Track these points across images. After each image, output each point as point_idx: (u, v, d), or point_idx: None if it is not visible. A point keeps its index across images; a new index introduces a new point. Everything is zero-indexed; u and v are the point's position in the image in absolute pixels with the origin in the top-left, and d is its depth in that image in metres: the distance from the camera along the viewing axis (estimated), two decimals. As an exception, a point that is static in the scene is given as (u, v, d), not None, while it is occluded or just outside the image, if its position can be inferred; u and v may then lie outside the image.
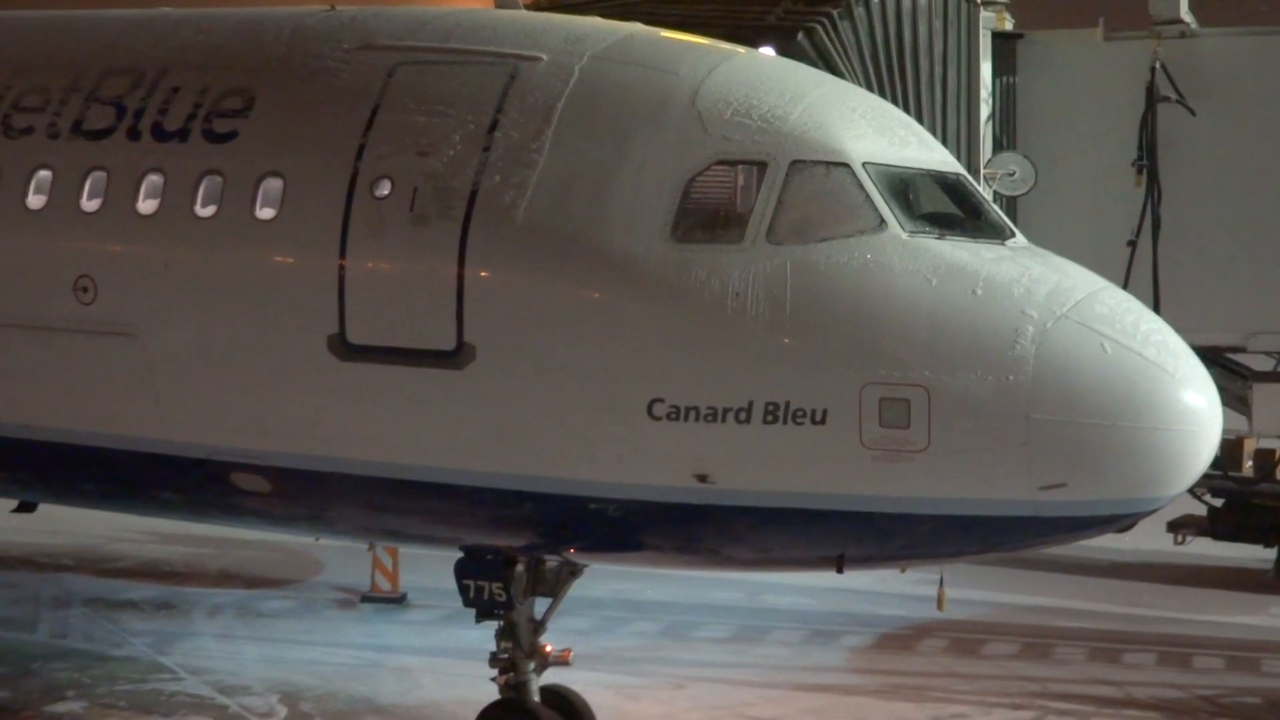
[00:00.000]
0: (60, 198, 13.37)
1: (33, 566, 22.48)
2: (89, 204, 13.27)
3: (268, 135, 12.86)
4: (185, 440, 13.00)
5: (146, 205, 12.99)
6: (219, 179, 12.68)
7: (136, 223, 13.04)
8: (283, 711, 15.90)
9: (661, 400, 10.94)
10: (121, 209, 13.19)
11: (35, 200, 13.48)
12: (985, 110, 17.54)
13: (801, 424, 10.63)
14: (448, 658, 17.17)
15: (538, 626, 13.18)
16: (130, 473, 13.96)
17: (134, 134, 13.25)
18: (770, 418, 10.65)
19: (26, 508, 17.92)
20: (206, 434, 12.95)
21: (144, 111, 13.32)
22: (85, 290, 13.05)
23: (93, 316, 13.07)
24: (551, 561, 13.00)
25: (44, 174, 13.49)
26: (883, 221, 10.96)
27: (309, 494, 13.24)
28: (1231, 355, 16.83)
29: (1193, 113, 16.69)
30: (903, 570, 16.13)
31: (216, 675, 17.25)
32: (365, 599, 20.34)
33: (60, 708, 15.90)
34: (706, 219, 11.28)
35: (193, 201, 12.75)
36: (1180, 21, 17.20)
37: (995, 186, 16.10)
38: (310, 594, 21.22)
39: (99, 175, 13.32)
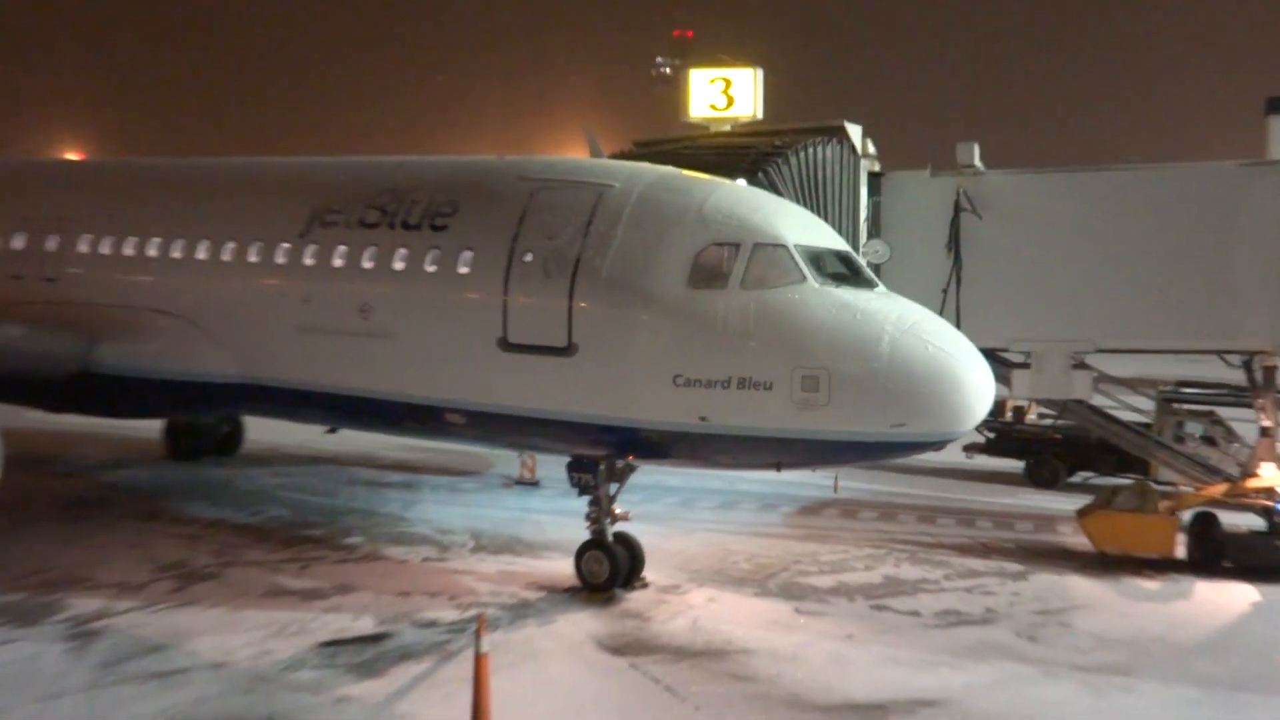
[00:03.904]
0: (352, 261, 16.81)
1: (335, 463, 25.09)
2: (366, 264, 16.66)
3: (466, 227, 16.07)
4: (420, 395, 16.46)
5: (398, 265, 16.42)
6: (438, 250, 16.08)
7: (392, 275, 16.46)
8: (471, 543, 18.83)
9: (681, 375, 14.29)
10: (384, 266, 16.58)
11: (337, 262, 16.93)
12: (863, 215, 19.68)
13: (758, 390, 13.97)
14: (562, 515, 19.06)
15: (611, 498, 16.29)
16: (389, 412, 17.04)
17: (392, 225, 16.71)
18: (741, 386, 14.01)
19: (333, 431, 21.41)
20: (432, 392, 16.35)
21: (397, 213, 16.74)
22: (365, 312, 16.57)
23: (369, 328, 16.51)
24: (619, 463, 16.12)
25: (342, 248, 16.94)
26: (805, 277, 14.32)
27: (486, 425, 16.19)
28: (1000, 352, 18.60)
29: (980, 217, 19.04)
30: (814, 471, 20.18)
31: (435, 523, 20.14)
32: (516, 483, 23.47)
33: (351, 540, 18.85)
34: (707, 275, 14.43)
35: (424, 262, 16.20)
36: (974, 166, 19.41)
37: (868, 258, 17.70)
38: (486, 479, 24.18)
39: (372, 248, 16.69)
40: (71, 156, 55.20)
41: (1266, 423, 18.91)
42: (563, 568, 16.93)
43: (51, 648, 13.68)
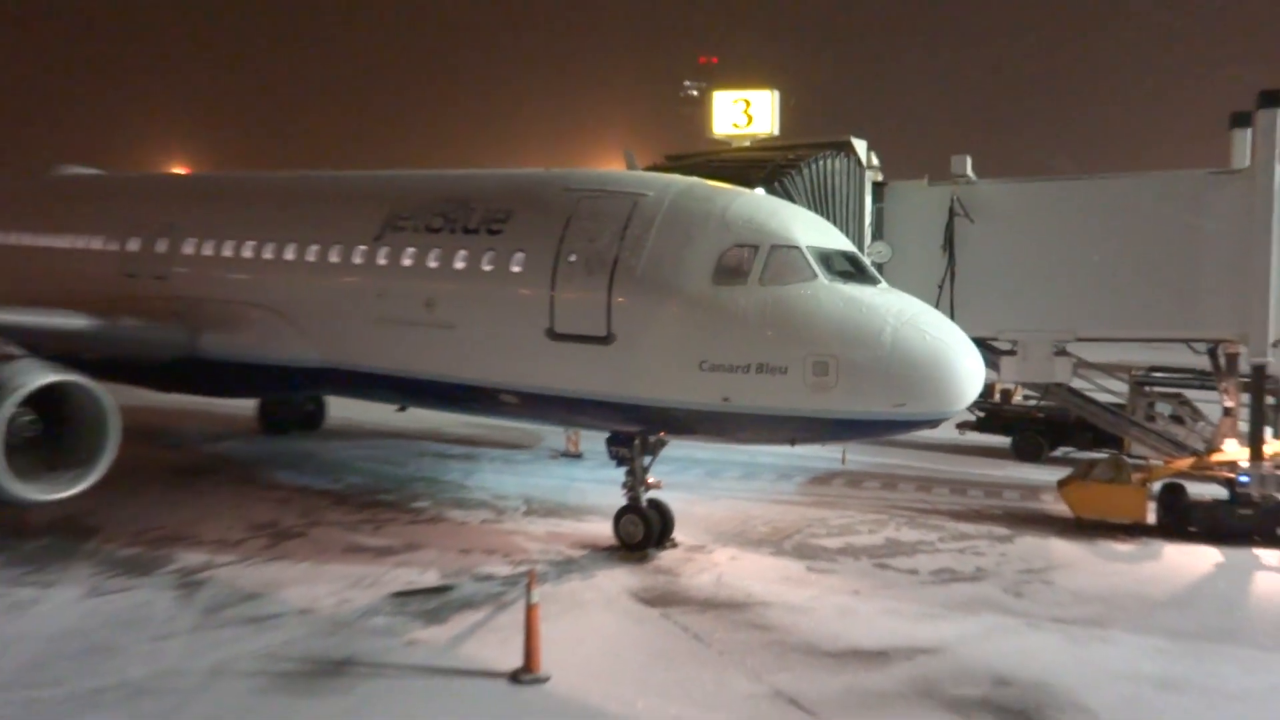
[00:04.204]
0: (419, 261, 16.83)
1: (404, 437, 25.01)
2: (431, 264, 16.65)
3: (518, 231, 16.04)
4: (478, 378, 16.48)
5: (459, 264, 16.39)
6: (494, 252, 16.04)
7: (453, 273, 16.43)
8: (523, 507, 18.83)
9: (706, 361, 14.16)
10: (447, 265, 16.55)
11: (406, 262, 16.95)
12: (868, 219, 19.46)
13: (775, 374, 13.81)
14: (602, 484, 18.82)
15: (645, 469, 16.27)
16: (452, 393, 17.07)
17: (453, 230, 16.69)
18: (759, 370, 13.86)
19: (403, 409, 21.47)
20: (488, 375, 16.35)
21: (458, 219, 16.75)
22: (430, 306, 16.57)
23: (434, 319, 16.52)
24: (652, 438, 16.10)
25: (410, 249, 16.92)
26: (816, 275, 14.16)
27: (536, 405, 16.13)
28: (989, 341, 18.38)
29: (972, 221, 18.77)
30: (824, 445, 20.10)
31: (492, 490, 20.16)
32: (562, 455, 23.39)
33: (418, 504, 18.88)
34: (729, 272, 14.28)
35: (481, 262, 16.16)
36: (966, 176, 19.13)
37: (872, 258, 17.40)
38: (536, 452, 24.04)
39: (436, 250, 16.69)
40: (178, 170, 55.77)
41: (1229, 403, 18.79)
42: (603, 529, 16.96)
43: (163, 595, 13.91)
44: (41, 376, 14.82)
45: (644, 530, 16.03)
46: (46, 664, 11.49)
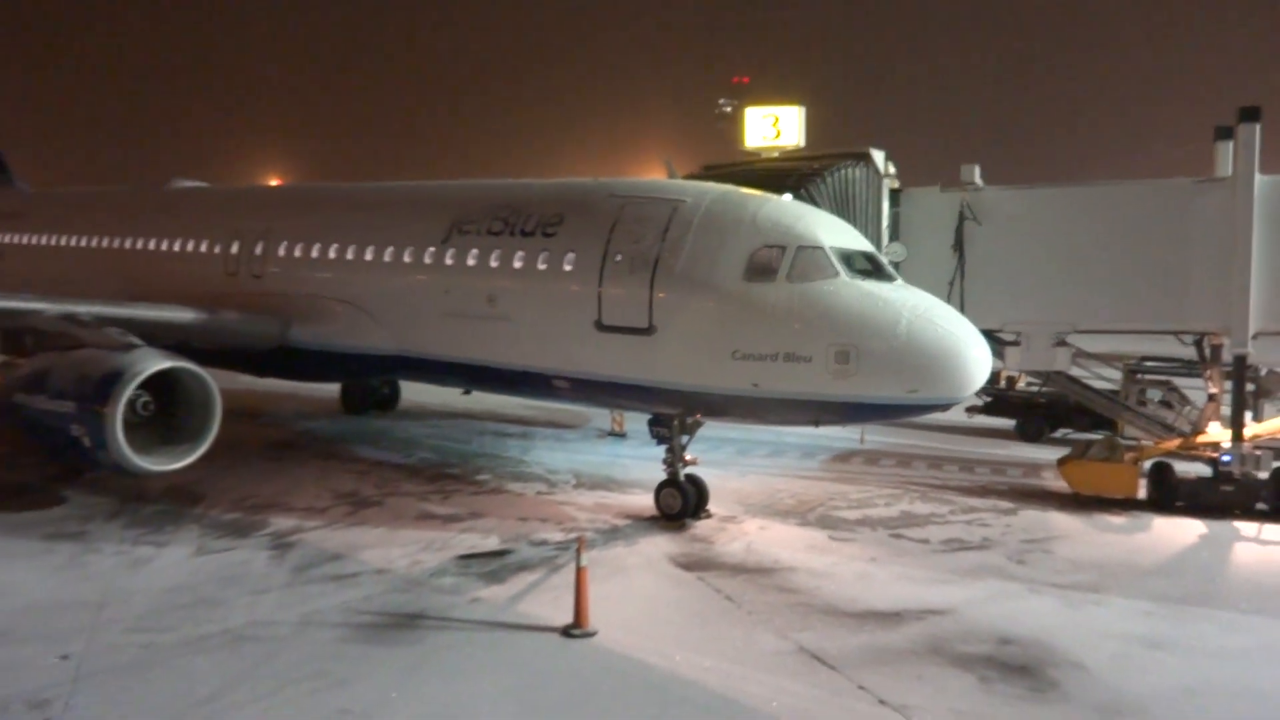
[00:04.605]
0: (481, 261, 16.82)
1: (468, 417, 24.74)
2: (493, 263, 16.64)
3: (569, 234, 15.97)
4: (533, 365, 16.42)
5: (517, 264, 16.34)
6: (548, 252, 15.98)
7: (512, 271, 16.39)
8: (573, 481, 18.70)
9: (738, 350, 14.03)
10: (506, 264, 16.53)
11: (470, 262, 16.97)
12: (885, 223, 19.11)
13: (800, 362, 13.67)
14: (644, 460, 18.90)
15: (683, 447, 16.18)
16: (510, 379, 17.01)
17: (512, 233, 16.65)
18: (786, 359, 13.72)
19: (467, 393, 21.78)
20: (542, 363, 16.30)
21: (516, 223, 16.72)
22: (491, 301, 16.57)
23: (494, 313, 16.52)
24: (689, 419, 15.96)
25: (474, 250, 16.93)
26: (838, 272, 14.00)
27: (585, 389, 16.02)
28: (996, 333, 17.97)
29: (980, 224, 18.40)
30: (844, 426, 19.93)
31: (546, 465, 20.02)
32: (608, 434, 23.08)
33: (481, 477, 18.83)
34: (759, 270, 14.11)
35: (537, 261, 16.10)
36: (975, 183, 18.77)
37: (889, 257, 16.79)
38: (584, 431, 23.72)
39: (497, 251, 16.66)
40: (273, 182, 56.44)
41: (1213, 390, 18.39)
42: (645, 501, 16.87)
43: (259, 555, 14.12)
44: (156, 363, 15.25)
45: (681, 502, 15.98)
46: (161, 613, 11.76)
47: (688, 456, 16.32)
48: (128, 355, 15.52)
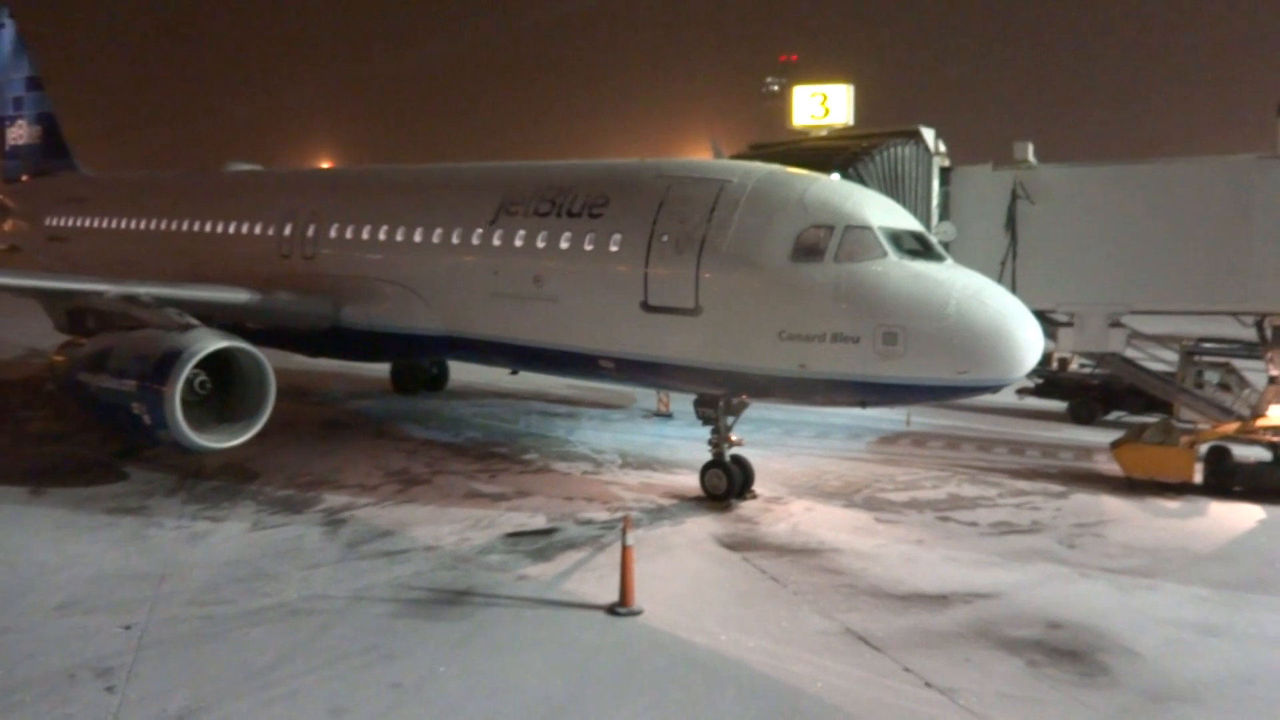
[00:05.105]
0: (528, 242, 16.84)
1: (515, 397, 24.87)
2: (540, 244, 16.64)
3: (616, 215, 15.89)
4: (580, 346, 16.42)
5: (564, 245, 16.35)
6: (594, 233, 15.96)
7: (559, 252, 16.37)
8: (619, 460, 18.74)
9: (784, 331, 13.88)
10: (553, 245, 16.51)
11: (518, 243, 16.99)
12: (935, 202, 18.76)
13: (847, 343, 13.48)
14: (690, 440, 18.93)
15: (728, 428, 16.15)
16: (557, 359, 16.94)
17: (559, 214, 16.61)
18: (833, 340, 13.52)
19: (514, 373, 21.71)
20: (589, 343, 16.30)
21: (563, 204, 16.68)
22: (538, 281, 16.56)
23: (542, 293, 16.52)
24: (734, 400, 15.91)
25: (521, 231, 16.95)
26: (887, 253, 13.77)
27: (631, 370, 15.97)
28: (1048, 313, 17.82)
29: (1033, 203, 18.04)
30: (891, 408, 19.75)
31: (592, 444, 20.07)
32: (654, 414, 23.11)
33: (528, 456, 18.92)
34: (806, 251, 13.91)
35: (583, 242, 16.10)
36: (1028, 161, 18.41)
37: (939, 237, 16.38)
38: (631, 412, 23.70)
39: (544, 232, 16.62)
40: (324, 164, 57.15)
41: (1274, 372, 17.94)
42: (690, 481, 16.88)
43: (312, 530, 14.36)
44: (213, 343, 15.58)
45: (727, 483, 15.93)
46: (219, 586, 12.07)
47: (733, 437, 16.27)
48: (186, 335, 15.90)
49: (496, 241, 17.47)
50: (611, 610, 11.36)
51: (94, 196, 28.96)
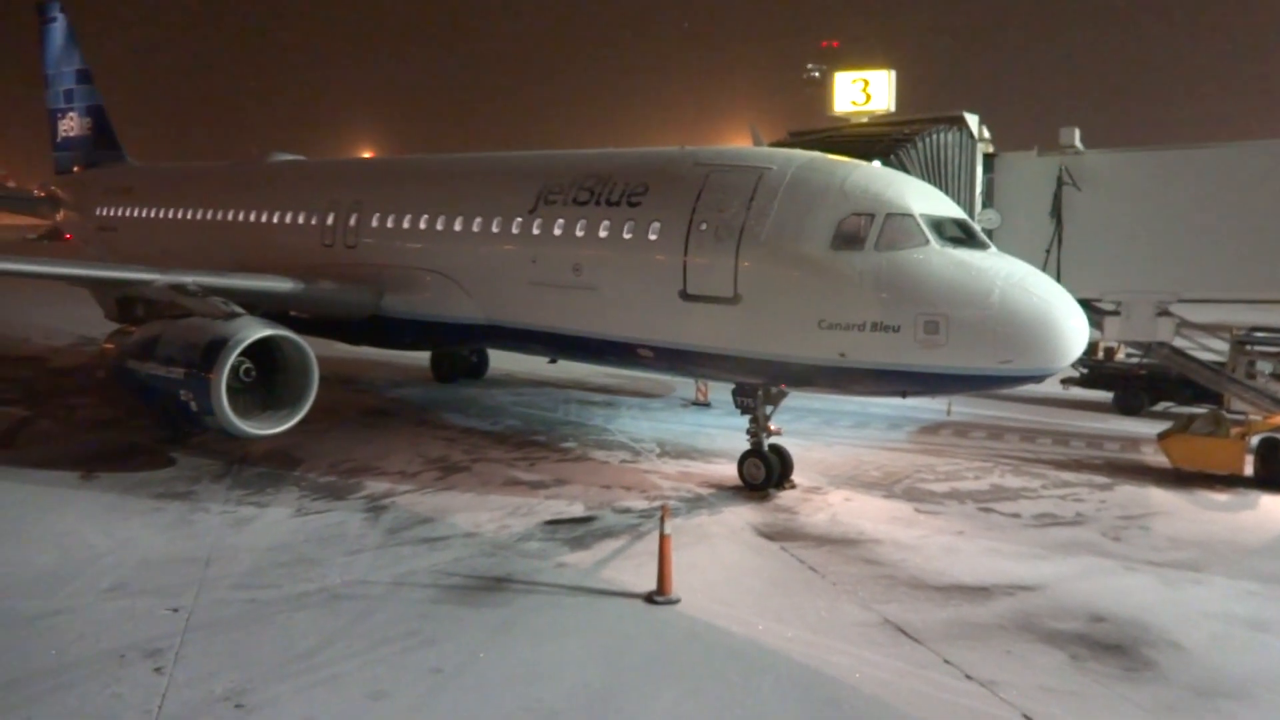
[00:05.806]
0: (567, 231, 16.88)
1: (554, 386, 24.88)
2: (579, 233, 16.66)
3: (655, 203, 15.86)
4: (619, 334, 16.44)
5: (602, 233, 16.35)
6: (633, 221, 15.95)
7: (598, 241, 16.41)
8: (657, 449, 18.70)
9: (824, 320, 13.74)
10: (592, 234, 16.55)
11: (557, 231, 17.02)
12: (978, 189, 18.48)
13: (888, 332, 13.32)
14: (728, 430, 19.09)
15: (767, 417, 16.09)
16: (595, 348, 17.02)
17: (598, 203, 16.63)
18: (874, 329, 13.39)
19: (553, 361, 21.54)
20: (627, 332, 16.29)
21: (602, 193, 16.70)
22: (577, 270, 16.50)
23: (580, 282, 16.58)
24: (773, 389, 15.86)
25: (560, 220, 16.96)
26: (928, 240, 13.60)
27: (669, 358, 15.95)
28: (1094, 302, 17.36)
29: (1079, 190, 17.73)
30: (933, 397, 19.11)
31: (630, 433, 20.07)
32: (692, 403, 23.11)
33: (566, 444, 18.93)
34: (847, 239, 13.77)
35: (622, 231, 16.07)
36: (1074, 147, 18.07)
37: (982, 224, 16.67)
38: (669, 401, 23.70)
39: (583, 221, 16.68)
40: (366, 154, 57.66)
41: (1330, 362, 17.37)
42: (728, 471, 16.81)
43: (354, 516, 14.50)
44: (258, 331, 15.84)
45: (765, 472, 15.86)
46: (264, 570, 12.25)
47: (772, 426, 16.22)
48: (231, 324, 16.20)
49: (536, 230, 17.49)
50: (649, 599, 11.36)
51: (141, 187, 29.59)
